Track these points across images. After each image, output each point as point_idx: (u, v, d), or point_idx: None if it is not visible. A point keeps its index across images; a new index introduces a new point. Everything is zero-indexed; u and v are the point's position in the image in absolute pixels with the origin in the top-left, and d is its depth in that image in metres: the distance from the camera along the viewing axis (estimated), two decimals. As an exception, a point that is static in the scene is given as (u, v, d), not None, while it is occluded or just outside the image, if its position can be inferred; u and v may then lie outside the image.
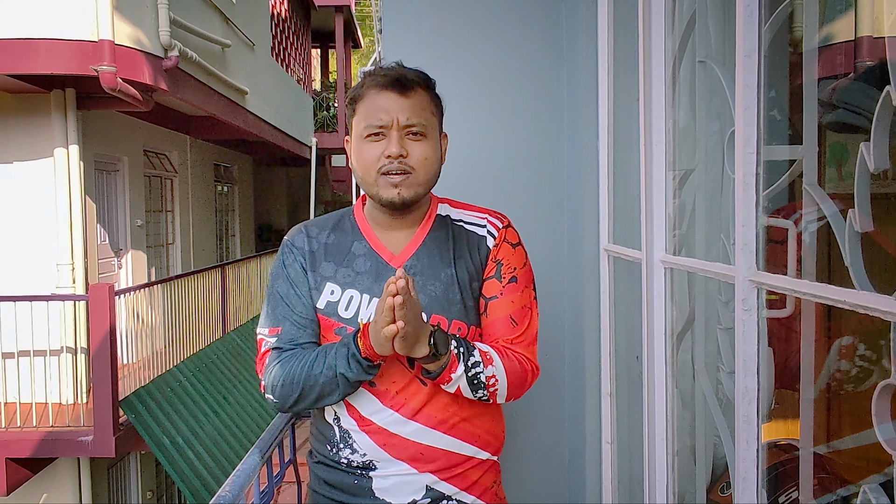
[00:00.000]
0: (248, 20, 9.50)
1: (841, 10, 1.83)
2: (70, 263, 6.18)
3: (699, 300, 1.56)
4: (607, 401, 1.97)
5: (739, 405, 1.14)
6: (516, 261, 1.44)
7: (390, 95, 1.33)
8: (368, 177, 1.34)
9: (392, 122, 1.32)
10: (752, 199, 1.11)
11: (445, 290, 1.37)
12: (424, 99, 1.37)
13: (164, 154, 8.77)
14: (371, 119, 1.33)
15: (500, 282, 1.41)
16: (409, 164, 1.32)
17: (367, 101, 1.35)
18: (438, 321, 1.36)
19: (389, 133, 1.32)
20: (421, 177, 1.34)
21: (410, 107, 1.33)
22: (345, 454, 1.40)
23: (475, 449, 1.42)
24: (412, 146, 1.33)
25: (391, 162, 1.31)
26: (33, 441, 5.58)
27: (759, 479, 1.14)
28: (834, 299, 0.91)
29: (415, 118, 1.33)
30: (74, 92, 6.18)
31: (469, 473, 1.41)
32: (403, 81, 1.33)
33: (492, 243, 1.43)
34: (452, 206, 1.48)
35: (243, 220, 12.50)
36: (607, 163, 1.95)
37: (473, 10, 2.14)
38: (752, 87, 1.10)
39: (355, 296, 1.37)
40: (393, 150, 1.31)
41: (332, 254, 1.40)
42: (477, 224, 1.45)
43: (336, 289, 1.38)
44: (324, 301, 1.38)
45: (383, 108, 1.33)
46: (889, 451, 0.90)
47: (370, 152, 1.33)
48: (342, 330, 1.36)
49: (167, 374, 6.53)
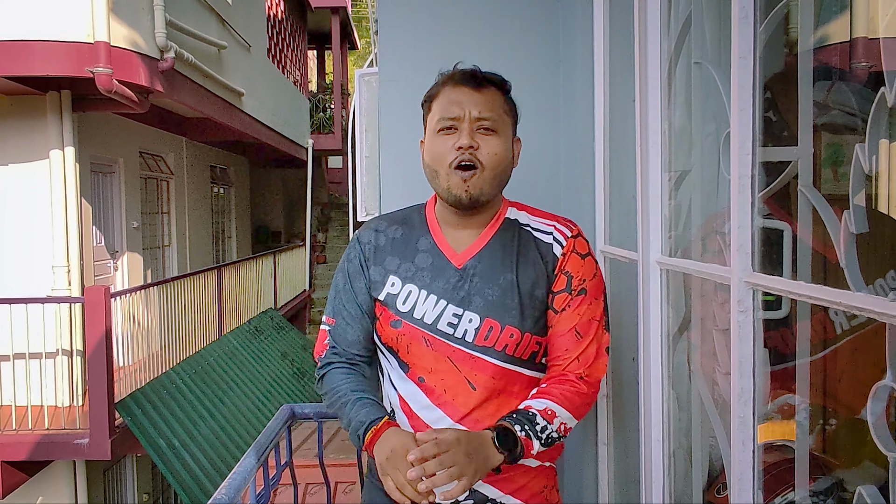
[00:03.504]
0: (244, 22, 9.49)
1: (836, 12, 1.84)
2: (66, 266, 6.17)
3: (695, 301, 1.56)
4: (603, 402, 1.97)
5: (735, 406, 1.14)
6: (586, 272, 1.40)
7: (464, 90, 1.36)
8: (441, 170, 1.35)
9: (464, 114, 1.34)
10: (747, 201, 1.11)
11: (503, 295, 1.36)
12: (498, 97, 1.38)
13: (160, 156, 8.75)
14: (444, 112, 1.35)
15: (570, 294, 1.39)
16: (478, 157, 1.33)
17: (441, 97, 1.38)
18: (491, 325, 1.35)
19: (461, 126, 1.34)
20: (490, 174, 1.34)
21: (483, 101, 1.35)
22: None
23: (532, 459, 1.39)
24: (483, 140, 1.34)
25: (462, 153, 1.32)
26: (29, 444, 5.56)
27: (755, 480, 1.14)
28: (829, 301, 0.91)
29: (487, 112, 1.34)
30: (70, 94, 6.16)
31: (516, 477, 1.38)
32: (477, 77, 1.37)
33: (559, 252, 1.40)
34: (521, 209, 1.47)
35: (239, 221, 12.48)
36: (603, 164, 1.95)
37: (469, 11, 2.14)
38: (748, 88, 1.10)
39: (413, 290, 1.38)
40: (464, 141, 1.32)
41: (398, 248, 1.42)
42: (544, 231, 1.43)
43: (397, 282, 1.39)
44: (385, 293, 1.40)
45: (456, 102, 1.35)
46: (885, 452, 0.90)
47: (442, 145, 1.35)
48: (398, 323, 1.38)
49: (163, 377, 6.51)
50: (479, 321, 1.34)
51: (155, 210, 8.68)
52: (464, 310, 1.35)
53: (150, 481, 7.97)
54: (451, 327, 1.35)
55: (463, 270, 1.37)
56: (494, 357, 1.35)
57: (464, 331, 1.35)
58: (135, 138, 7.83)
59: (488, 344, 1.34)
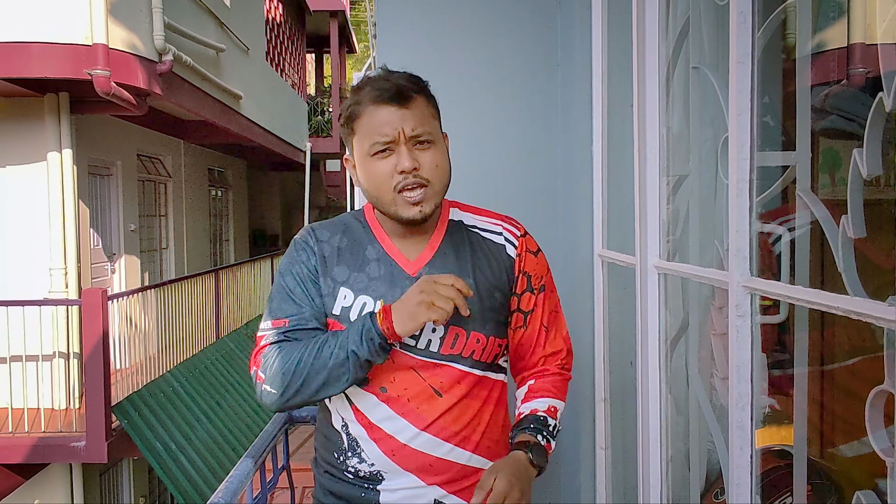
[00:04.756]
0: (242, 25, 9.50)
1: (834, 17, 1.84)
2: (63, 268, 6.16)
3: (693, 306, 1.56)
4: (601, 406, 1.97)
5: (733, 411, 1.14)
6: (541, 269, 1.42)
7: (390, 109, 1.27)
8: (384, 196, 1.29)
9: (398, 135, 1.26)
10: (745, 205, 1.11)
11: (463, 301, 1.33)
12: (423, 104, 1.31)
13: (158, 158, 8.75)
14: (375, 136, 1.27)
15: (534, 294, 1.40)
16: (423, 175, 1.27)
17: (366, 118, 1.29)
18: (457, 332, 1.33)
19: (398, 147, 1.27)
20: (437, 186, 1.30)
21: (413, 116, 1.27)
22: (352, 463, 1.36)
23: (484, 460, 1.37)
24: (423, 156, 1.28)
25: (406, 177, 1.26)
26: (25, 447, 5.55)
27: (752, 485, 1.14)
28: (827, 305, 0.91)
29: (420, 127, 1.27)
30: (68, 96, 6.16)
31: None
32: (402, 92, 1.27)
33: (513, 252, 1.39)
34: (463, 209, 1.44)
35: (237, 224, 12.47)
36: (601, 168, 1.95)
37: (468, 15, 2.15)
38: (746, 93, 1.10)
39: (368, 302, 1.32)
40: (406, 165, 1.25)
41: (345, 258, 1.35)
42: (493, 231, 1.41)
43: (349, 294, 1.33)
44: (338, 307, 1.33)
45: (386, 122, 1.26)
46: (883, 457, 0.90)
47: (380, 170, 1.28)
48: None
49: (160, 380, 6.50)
50: (443, 330, 1.31)
51: (152, 213, 8.67)
52: None
53: (146, 484, 7.95)
54: (413, 339, 1.31)
55: (417, 279, 1.30)
56: (462, 364, 1.33)
57: (427, 341, 1.31)
58: (132, 141, 7.82)
59: (455, 352, 1.32)
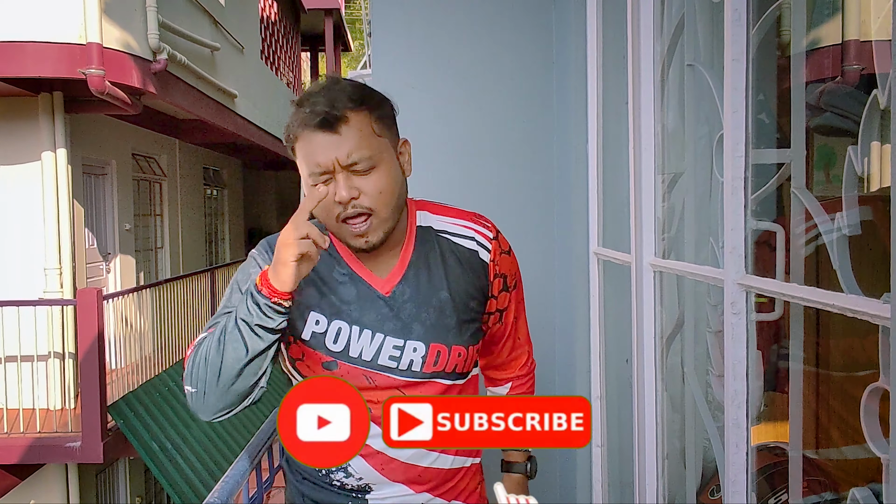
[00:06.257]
0: (237, 23, 9.47)
1: (828, 14, 1.84)
2: (58, 268, 6.13)
3: (688, 303, 1.56)
4: (597, 404, 1.97)
5: (729, 408, 1.14)
6: (514, 267, 1.40)
7: (321, 136, 1.19)
8: (330, 224, 1.23)
9: (332, 164, 1.18)
10: (740, 203, 1.11)
11: (440, 316, 1.29)
12: (362, 124, 1.20)
13: (153, 157, 8.72)
14: (311, 167, 1.20)
15: (509, 292, 1.39)
16: (364, 205, 1.19)
17: (302, 143, 1.22)
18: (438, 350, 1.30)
19: (335, 176, 1.19)
20: (383, 213, 1.21)
21: (346, 142, 1.18)
22: (338, 477, 1.33)
23: (466, 459, 1.39)
24: (363, 182, 1.19)
25: (345, 208, 1.20)
26: (20, 447, 5.53)
27: (748, 482, 1.14)
28: (822, 303, 0.91)
29: (356, 153, 1.18)
30: (62, 95, 6.13)
31: (459, 484, 1.39)
32: (330, 119, 1.18)
33: (487, 257, 1.34)
34: (432, 211, 1.37)
35: (233, 223, 12.44)
36: (597, 166, 1.95)
37: (463, 13, 2.14)
38: (740, 90, 1.10)
39: (343, 327, 1.27)
40: (342, 195, 1.18)
41: (311, 280, 1.26)
42: (464, 236, 1.34)
43: (321, 319, 1.27)
44: (308, 332, 1.27)
45: (319, 151, 1.19)
46: (878, 453, 0.90)
47: (321, 198, 1.19)
48: (332, 364, 1.27)
49: (156, 379, 6.49)
50: (424, 349, 1.27)
51: (147, 212, 8.65)
52: (405, 340, 1.27)
53: (142, 484, 7.93)
54: (394, 360, 1.27)
55: (391, 298, 1.27)
56: (445, 378, 1.30)
57: (409, 361, 1.27)
58: (127, 140, 7.79)
59: (438, 369, 1.29)
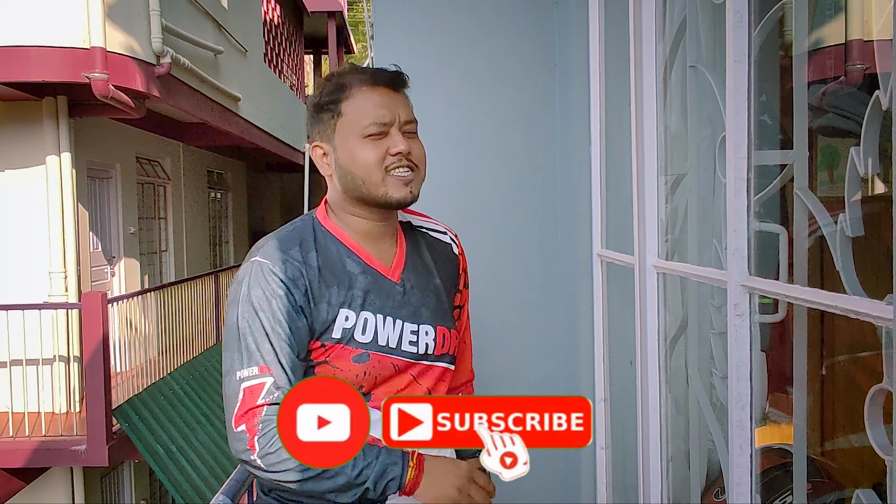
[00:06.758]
0: (240, 26, 9.49)
1: (830, 15, 1.84)
2: (62, 271, 6.15)
3: (692, 305, 1.56)
4: (601, 406, 1.97)
5: (733, 410, 1.14)
6: (467, 266, 1.49)
7: (387, 92, 1.28)
8: (373, 176, 1.26)
9: (394, 119, 1.27)
10: (743, 204, 1.11)
11: (438, 300, 1.37)
12: (407, 97, 1.34)
13: (157, 161, 8.74)
14: (373, 117, 1.25)
15: (467, 289, 1.47)
16: (413, 161, 1.29)
17: (359, 100, 1.27)
18: (443, 332, 1.35)
19: (392, 130, 1.27)
20: (423, 174, 1.32)
21: (406, 104, 1.30)
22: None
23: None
24: (412, 144, 1.29)
25: (400, 160, 1.26)
26: (26, 451, 5.54)
27: (752, 484, 1.14)
28: (826, 304, 0.91)
29: (411, 115, 1.30)
30: (66, 99, 6.15)
31: None
32: (398, 81, 1.30)
33: (456, 251, 1.45)
34: (404, 211, 1.42)
35: (237, 226, 12.46)
36: (600, 168, 1.95)
37: (466, 15, 2.15)
38: (743, 91, 1.10)
39: (369, 318, 1.28)
40: (402, 147, 1.25)
41: (329, 277, 1.28)
42: (438, 231, 1.45)
43: (350, 314, 1.27)
44: (339, 329, 1.27)
45: (384, 105, 1.26)
46: (882, 455, 0.90)
47: (372, 152, 1.25)
48: (363, 356, 1.27)
49: (161, 383, 6.50)
50: (433, 332, 1.33)
51: (152, 215, 8.67)
52: (418, 324, 1.32)
53: (147, 487, 7.94)
54: (413, 345, 1.31)
55: (401, 284, 1.33)
56: (445, 361, 1.37)
57: (425, 345, 1.33)
58: (131, 143, 7.81)
59: (445, 351, 1.36)
